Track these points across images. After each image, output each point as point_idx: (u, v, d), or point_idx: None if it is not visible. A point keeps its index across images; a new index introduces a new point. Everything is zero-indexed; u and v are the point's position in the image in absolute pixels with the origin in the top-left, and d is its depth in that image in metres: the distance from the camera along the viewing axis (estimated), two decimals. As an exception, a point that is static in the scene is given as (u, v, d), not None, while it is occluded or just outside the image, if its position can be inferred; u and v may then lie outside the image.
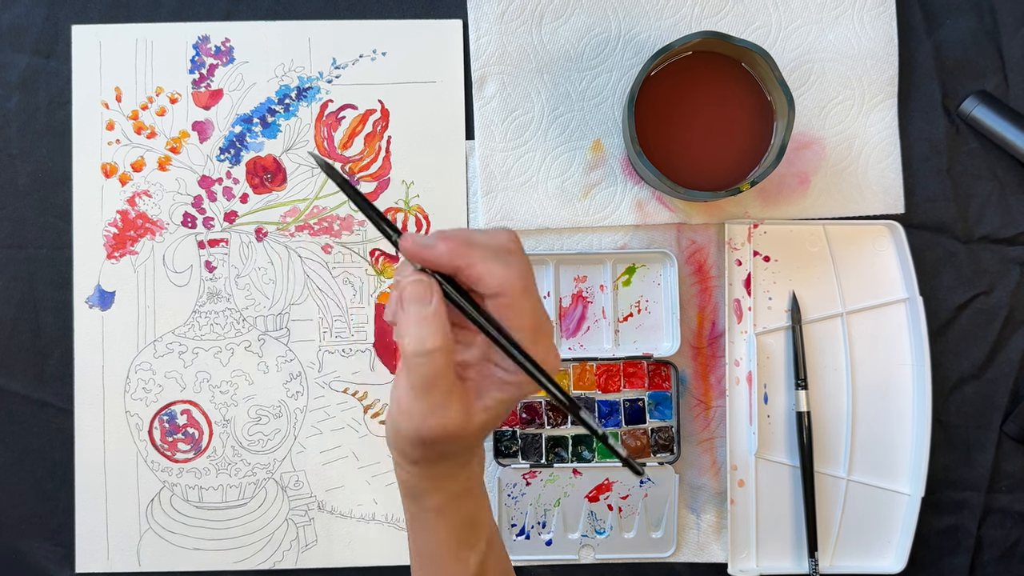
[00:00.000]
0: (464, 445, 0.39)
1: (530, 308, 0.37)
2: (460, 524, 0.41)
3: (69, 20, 0.61)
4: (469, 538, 0.41)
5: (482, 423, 0.38)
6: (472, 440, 0.39)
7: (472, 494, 0.41)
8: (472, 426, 0.37)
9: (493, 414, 0.38)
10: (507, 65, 0.61)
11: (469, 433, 0.37)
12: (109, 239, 0.61)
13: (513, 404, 0.39)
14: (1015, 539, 0.61)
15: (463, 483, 0.41)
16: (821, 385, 0.61)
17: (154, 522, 0.61)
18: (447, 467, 0.39)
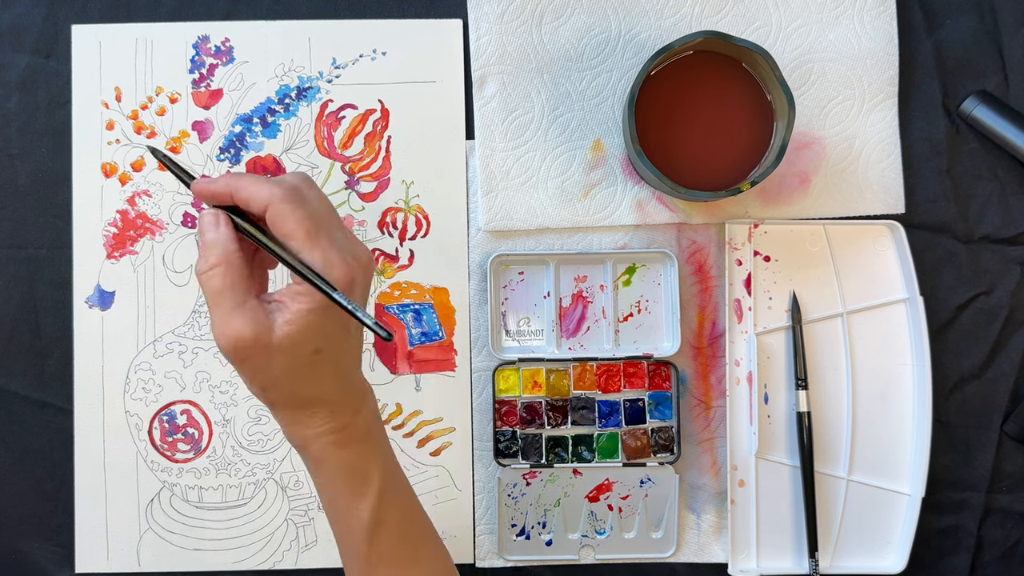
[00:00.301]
0: (282, 362, 0.41)
1: (299, 215, 0.41)
2: (341, 474, 0.44)
3: (69, 20, 0.61)
4: (356, 488, 0.45)
5: (286, 335, 0.41)
6: (278, 356, 0.41)
7: (350, 444, 0.44)
8: (274, 338, 0.41)
9: (297, 326, 0.41)
10: (507, 65, 0.61)
11: (272, 344, 0.41)
12: (109, 239, 0.61)
13: (316, 315, 0.41)
14: (1015, 539, 0.61)
15: (331, 432, 0.44)
16: (821, 385, 0.61)
17: (154, 522, 0.61)
18: (302, 415, 0.44)
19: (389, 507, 0.46)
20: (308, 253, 0.41)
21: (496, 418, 0.60)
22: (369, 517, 0.45)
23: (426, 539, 0.48)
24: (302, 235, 0.41)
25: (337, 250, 0.41)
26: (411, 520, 0.47)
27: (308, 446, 0.45)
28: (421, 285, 0.61)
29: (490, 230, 0.61)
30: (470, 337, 0.61)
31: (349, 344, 0.44)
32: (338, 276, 0.41)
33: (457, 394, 0.61)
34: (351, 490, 0.45)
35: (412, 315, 0.61)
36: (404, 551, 0.46)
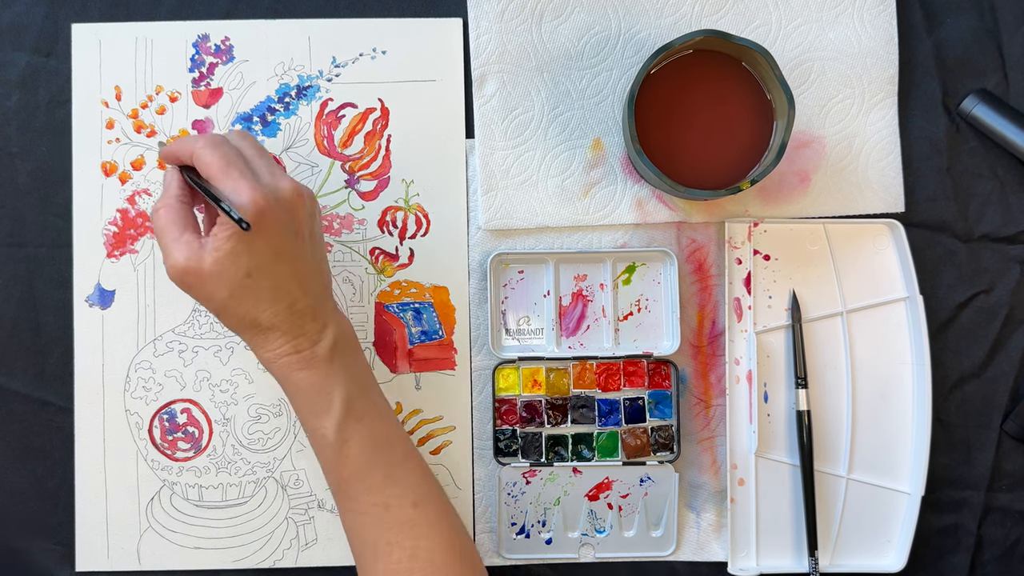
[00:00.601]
0: (219, 285, 0.48)
1: (215, 156, 0.48)
2: (302, 393, 0.50)
3: (69, 19, 0.61)
4: (316, 407, 0.49)
5: (215, 260, 0.47)
6: (215, 281, 0.47)
7: (309, 368, 0.49)
8: (206, 264, 0.47)
9: (223, 251, 0.47)
10: (507, 64, 0.61)
11: (204, 270, 0.47)
12: (109, 238, 0.61)
13: (238, 240, 0.47)
14: (1015, 538, 0.61)
15: (288, 355, 0.49)
16: (821, 384, 0.61)
17: (154, 521, 0.61)
18: (257, 337, 0.49)
19: (355, 428, 0.50)
20: (220, 184, 0.47)
21: (496, 417, 0.60)
22: (334, 436, 0.49)
23: (403, 461, 0.51)
24: (215, 171, 0.48)
25: (248, 181, 0.47)
26: (383, 442, 0.50)
27: (270, 366, 0.50)
28: (421, 284, 0.61)
29: (490, 229, 0.61)
30: (470, 336, 0.61)
31: (283, 269, 0.49)
32: (244, 201, 0.47)
33: (457, 393, 0.61)
34: (311, 409, 0.50)
35: (412, 314, 0.61)
36: (376, 472, 0.50)
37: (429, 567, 0.49)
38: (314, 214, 0.51)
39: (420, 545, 0.50)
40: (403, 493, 0.50)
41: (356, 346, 0.52)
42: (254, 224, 0.47)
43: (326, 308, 0.51)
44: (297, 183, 0.50)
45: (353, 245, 0.61)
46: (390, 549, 0.50)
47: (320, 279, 0.51)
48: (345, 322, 0.52)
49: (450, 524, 0.52)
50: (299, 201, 0.49)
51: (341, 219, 0.61)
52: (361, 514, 0.50)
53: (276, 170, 0.50)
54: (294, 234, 0.49)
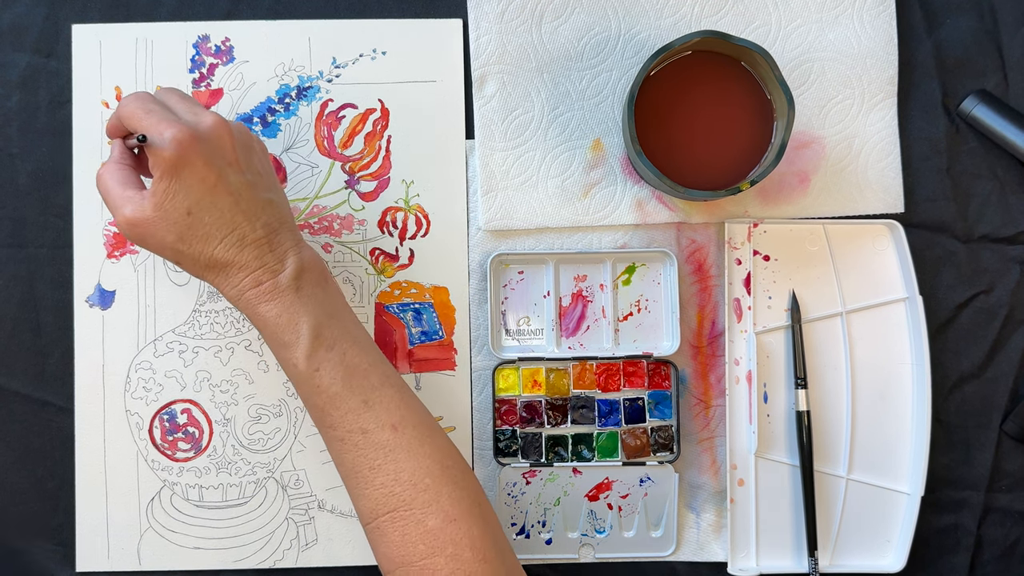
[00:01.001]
0: (166, 229, 0.49)
1: (133, 106, 0.50)
2: (267, 326, 0.50)
3: (69, 19, 0.61)
4: (283, 339, 0.50)
5: (153, 205, 0.49)
6: (160, 226, 0.49)
7: (271, 300, 0.50)
8: (147, 211, 0.49)
9: (158, 195, 0.49)
10: (507, 64, 0.61)
11: (148, 218, 0.49)
12: (109, 238, 0.61)
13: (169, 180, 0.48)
14: (1015, 538, 0.61)
15: (249, 289, 0.50)
16: (821, 384, 0.61)
17: (154, 521, 0.61)
18: (217, 276, 0.50)
19: (326, 357, 0.50)
20: (140, 128, 0.49)
21: (496, 417, 0.61)
22: (305, 366, 0.50)
23: (379, 386, 0.51)
24: (135, 119, 0.49)
25: (167, 120, 0.49)
26: (357, 369, 0.50)
27: (236, 303, 0.51)
28: (421, 284, 0.61)
29: (490, 229, 0.61)
30: (470, 336, 0.61)
31: (223, 201, 0.49)
32: (165, 137, 0.48)
33: (457, 393, 0.61)
34: (280, 341, 0.50)
35: (412, 314, 0.61)
36: (351, 398, 0.50)
37: (412, 489, 0.49)
38: (249, 147, 0.51)
39: (403, 468, 0.49)
40: (380, 417, 0.50)
41: (323, 274, 0.52)
42: (179, 160, 0.48)
43: (284, 239, 0.51)
44: (222, 118, 0.50)
45: (353, 246, 0.61)
46: (373, 474, 0.49)
47: (271, 210, 0.51)
48: (310, 251, 0.52)
49: (435, 446, 0.51)
50: (223, 131, 0.50)
51: (341, 220, 0.61)
52: (340, 440, 0.50)
53: (200, 109, 0.51)
54: (227, 165, 0.49)
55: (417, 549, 0.48)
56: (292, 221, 0.52)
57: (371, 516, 0.50)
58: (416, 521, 0.49)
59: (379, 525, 0.49)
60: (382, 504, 0.49)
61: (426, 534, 0.48)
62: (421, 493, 0.49)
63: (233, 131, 0.50)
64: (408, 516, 0.49)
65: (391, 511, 0.49)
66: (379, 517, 0.49)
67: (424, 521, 0.49)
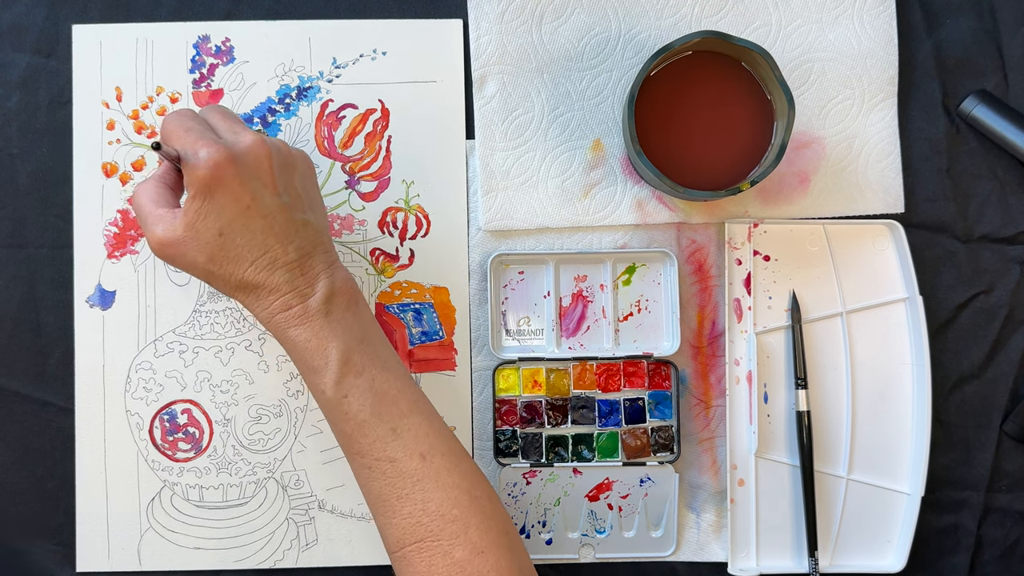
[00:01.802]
0: (197, 249, 0.48)
1: (174, 124, 0.49)
2: (296, 350, 0.50)
3: (69, 20, 0.61)
4: (312, 364, 0.49)
5: (185, 224, 0.48)
6: (191, 246, 0.48)
7: (301, 325, 0.49)
8: (179, 231, 0.48)
9: (190, 215, 0.48)
10: (507, 65, 0.61)
11: (180, 237, 0.48)
12: (110, 238, 0.61)
13: (202, 200, 0.48)
14: (1015, 538, 0.61)
15: (279, 312, 0.49)
16: (821, 384, 0.61)
17: (155, 521, 0.61)
18: (247, 298, 0.50)
19: (354, 384, 0.49)
20: (178, 146, 0.49)
21: (496, 417, 0.61)
22: (333, 392, 0.49)
23: (408, 414, 0.50)
24: (174, 136, 0.49)
25: (204, 139, 0.48)
26: (385, 396, 0.50)
27: (266, 325, 0.50)
28: (421, 284, 0.61)
29: (490, 230, 0.61)
30: (470, 336, 0.61)
31: (256, 224, 0.48)
32: (201, 158, 0.47)
33: (457, 393, 0.61)
34: (308, 366, 0.50)
35: (412, 314, 0.61)
36: (379, 426, 0.49)
37: (440, 520, 0.48)
38: (289, 166, 0.50)
39: (431, 497, 0.49)
40: (409, 446, 0.49)
41: (355, 299, 0.51)
42: (213, 180, 0.47)
43: (316, 261, 0.50)
44: (262, 137, 0.49)
45: (353, 246, 0.61)
46: (401, 503, 0.49)
47: (306, 232, 0.50)
48: (342, 275, 0.51)
49: (463, 475, 0.50)
50: (261, 152, 0.49)
51: (341, 220, 0.61)
52: (368, 468, 0.50)
53: (240, 128, 0.50)
54: (263, 187, 0.48)
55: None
56: (328, 242, 0.52)
57: (398, 545, 0.49)
58: (443, 552, 0.48)
59: (405, 555, 0.49)
60: (409, 534, 0.49)
61: (453, 566, 0.48)
62: (449, 524, 0.48)
63: (272, 152, 0.49)
64: (435, 547, 0.48)
65: (418, 541, 0.48)
66: (406, 547, 0.49)
67: (451, 553, 0.48)
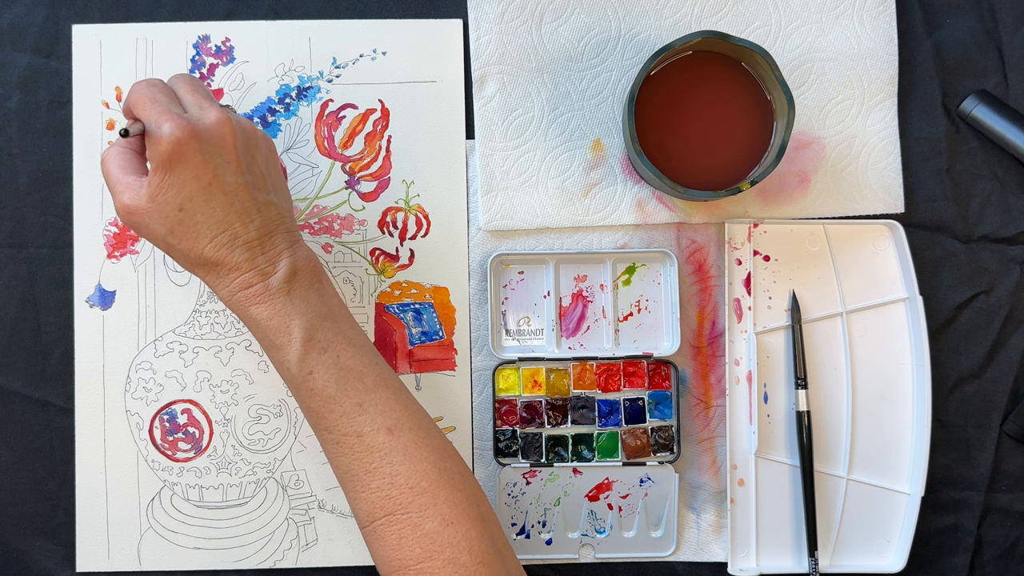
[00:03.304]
0: (158, 222, 0.49)
1: (140, 94, 0.50)
2: (259, 327, 0.50)
3: (69, 19, 0.61)
4: (275, 341, 0.50)
5: (148, 196, 0.49)
6: (152, 218, 0.49)
7: (263, 303, 0.49)
8: (142, 202, 0.49)
9: (152, 188, 0.48)
10: (507, 65, 0.61)
11: (143, 208, 0.49)
12: (110, 238, 0.61)
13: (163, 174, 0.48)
14: (1015, 538, 0.61)
15: (240, 290, 0.49)
16: (821, 384, 0.61)
17: (155, 521, 0.61)
18: (208, 274, 0.50)
19: (319, 360, 0.50)
20: (143, 117, 0.49)
21: (496, 417, 0.61)
22: (297, 369, 0.50)
23: (375, 388, 0.50)
24: (139, 107, 0.49)
25: (168, 114, 0.48)
26: (351, 372, 0.50)
27: (228, 304, 0.50)
28: (421, 284, 0.61)
29: (490, 230, 0.61)
30: (470, 336, 0.61)
31: (217, 201, 0.49)
32: (163, 132, 0.47)
33: (457, 393, 0.61)
34: (270, 344, 0.50)
35: (412, 314, 0.61)
36: (345, 401, 0.50)
37: (409, 492, 0.49)
38: (251, 145, 0.51)
39: (399, 471, 0.49)
40: (376, 420, 0.49)
41: (317, 276, 0.51)
42: (175, 155, 0.47)
43: (278, 240, 0.50)
44: (227, 114, 0.49)
45: (353, 246, 0.61)
46: (369, 477, 0.49)
47: (268, 211, 0.50)
48: (305, 253, 0.51)
49: (432, 448, 0.50)
50: (225, 130, 0.49)
51: (341, 220, 0.61)
52: (336, 444, 0.50)
53: (207, 103, 0.50)
54: (226, 164, 0.49)
55: (414, 553, 0.48)
56: (292, 222, 0.52)
57: (368, 519, 0.50)
58: (413, 525, 0.48)
59: (376, 529, 0.49)
60: (378, 507, 0.49)
61: (423, 537, 0.48)
62: (418, 496, 0.49)
63: (236, 130, 0.49)
64: (405, 520, 0.49)
65: (388, 514, 0.49)
66: (376, 521, 0.49)
67: (421, 524, 0.48)
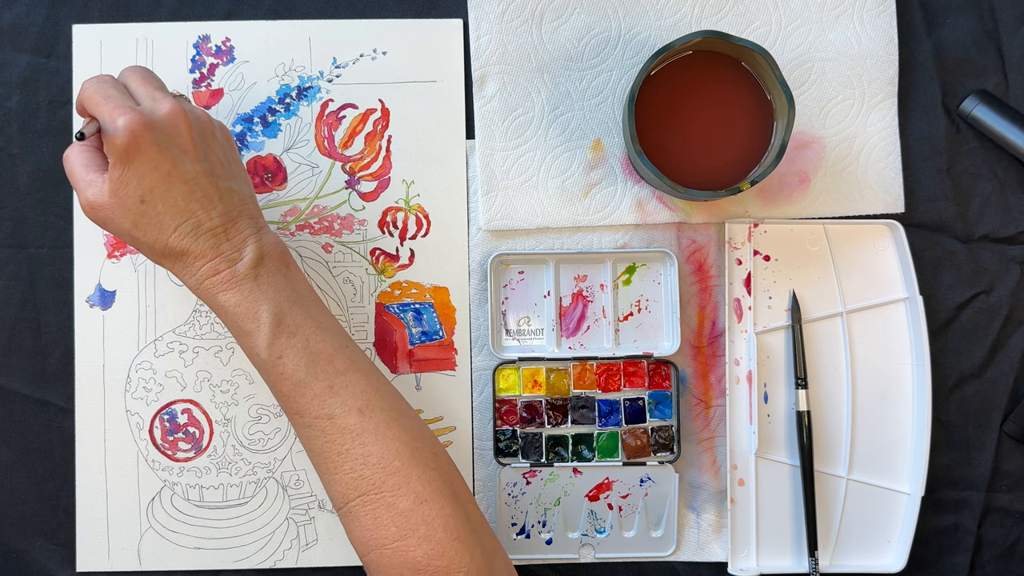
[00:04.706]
0: (122, 216, 0.49)
1: (92, 90, 0.50)
2: (228, 314, 0.50)
3: (70, 19, 0.61)
4: (244, 327, 0.50)
5: (109, 191, 0.49)
6: (115, 212, 0.49)
7: (231, 289, 0.50)
8: (104, 197, 0.49)
9: (113, 182, 0.49)
10: (507, 64, 0.61)
11: (106, 202, 0.49)
12: (110, 238, 0.61)
13: (121, 168, 0.48)
14: (1015, 538, 0.61)
15: (208, 277, 0.50)
16: (821, 384, 0.61)
17: (155, 521, 0.61)
18: (175, 264, 0.51)
19: (288, 344, 0.50)
20: (96, 114, 0.49)
21: (496, 417, 0.61)
22: (267, 354, 0.50)
23: (345, 371, 0.51)
24: (92, 104, 0.50)
25: (121, 108, 0.48)
26: (320, 355, 0.50)
27: (196, 292, 0.51)
28: (421, 284, 0.61)
29: (490, 229, 0.61)
30: (470, 336, 0.61)
31: (178, 190, 0.49)
32: (118, 126, 0.48)
33: (457, 393, 0.61)
34: (241, 329, 0.50)
35: (412, 314, 0.61)
36: (316, 384, 0.50)
37: (382, 472, 0.49)
38: (207, 134, 0.51)
39: (371, 451, 0.49)
40: (347, 402, 0.50)
41: (284, 261, 0.52)
42: (131, 148, 0.48)
43: (243, 226, 0.51)
44: (180, 105, 0.50)
45: (353, 246, 0.61)
46: (342, 459, 0.50)
47: (230, 198, 0.51)
48: (271, 239, 0.52)
49: (404, 428, 0.51)
50: (179, 120, 0.49)
51: (341, 220, 0.61)
52: (308, 427, 0.50)
53: (159, 95, 0.51)
54: (183, 153, 0.49)
55: (389, 531, 0.49)
56: (255, 208, 0.53)
57: (343, 501, 0.50)
58: (387, 504, 0.49)
59: (351, 510, 0.50)
60: (352, 488, 0.49)
61: (397, 516, 0.49)
62: (391, 476, 0.49)
63: (191, 119, 0.50)
64: (379, 499, 0.49)
65: (362, 495, 0.49)
66: (350, 502, 0.50)
67: (395, 503, 0.49)
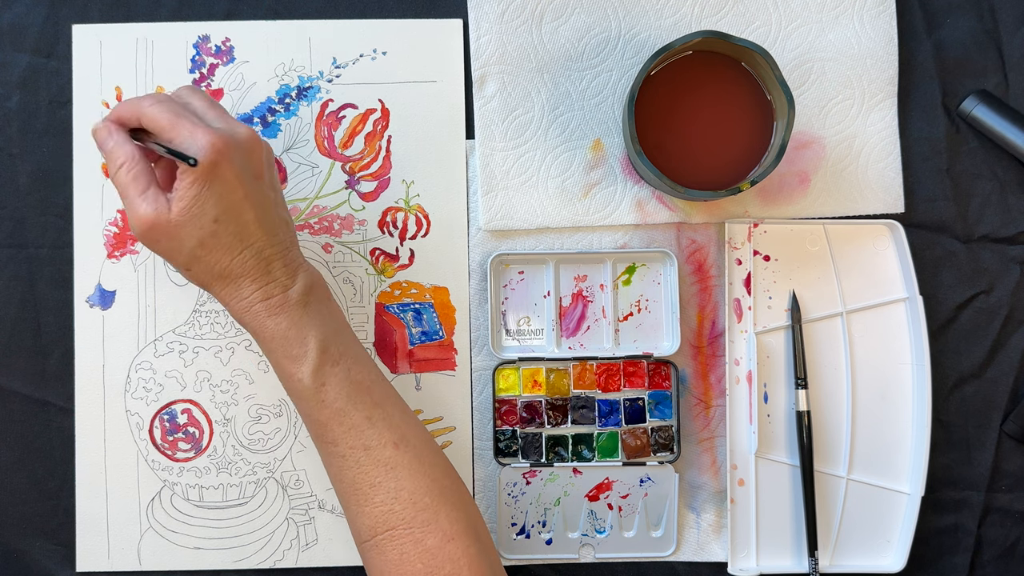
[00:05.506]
0: (190, 234, 0.48)
1: (160, 109, 0.49)
2: (276, 340, 0.50)
3: (70, 19, 0.61)
4: (290, 353, 0.50)
5: (180, 209, 0.48)
6: (183, 231, 0.48)
7: (281, 314, 0.50)
8: (172, 215, 0.48)
9: (187, 200, 0.48)
10: (507, 64, 0.61)
11: (172, 221, 0.48)
12: (110, 238, 0.61)
13: (200, 187, 0.48)
14: (1015, 538, 0.61)
15: (260, 302, 0.50)
16: (821, 384, 0.61)
17: (155, 521, 0.61)
18: (229, 287, 0.50)
19: (332, 372, 0.50)
20: (172, 136, 0.48)
21: (496, 417, 0.61)
22: (311, 380, 0.50)
23: (382, 402, 0.51)
24: (165, 124, 0.48)
25: (201, 128, 0.48)
26: (360, 384, 0.51)
27: (243, 317, 0.51)
28: (421, 284, 0.61)
29: (490, 230, 0.61)
30: (470, 336, 0.61)
31: (249, 214, 0.49)
32: (202, 145, 0.47)
33: (457, 393, 0.61)
34: (286, 354, 0.50)
35: (412, 314, 0.61)
36: (354, 414, 0.50)
37: (412, 508, 0.49)
38: (271, 165, 0.52)
39: (403, 486, 0.50)
40: (383, 434, 0.50)
41: (327, 293, 0.53)
42: (214, 167, 0.47)
43: (294, 256, 0.52)
44: (254, 129, 0.51)
45: (353, 246, 0.61)
46: (373, 491, 0.50)
47: (286, 228, 0.52)
48: (315, 270, 0.53)
49: (433, 463, 0.51)
50: (256, 145, 0.50)
51: (341, 220, 0.61)
52: (342, 457, 0.50)
53: (229, 118, 0.51)
54: (255, 179, 0.50)
55: (415, 568, 0.49)
56: (297, 241, 0.53)
57: (370, 534, 0.50)
58: (415, 540, 0.49)
59: (377, 543, 0.50)
60: (381, 522, 0.49)
61: (424, 553, 0.49)
62: (421, 512, 0.49)
63: (265, 145, 0.51)
64: (407, 535, 0.49)
65: (390, 529, 0.49)
66: (377, 535, 0.49)
67: (423, 540, 0.49)
